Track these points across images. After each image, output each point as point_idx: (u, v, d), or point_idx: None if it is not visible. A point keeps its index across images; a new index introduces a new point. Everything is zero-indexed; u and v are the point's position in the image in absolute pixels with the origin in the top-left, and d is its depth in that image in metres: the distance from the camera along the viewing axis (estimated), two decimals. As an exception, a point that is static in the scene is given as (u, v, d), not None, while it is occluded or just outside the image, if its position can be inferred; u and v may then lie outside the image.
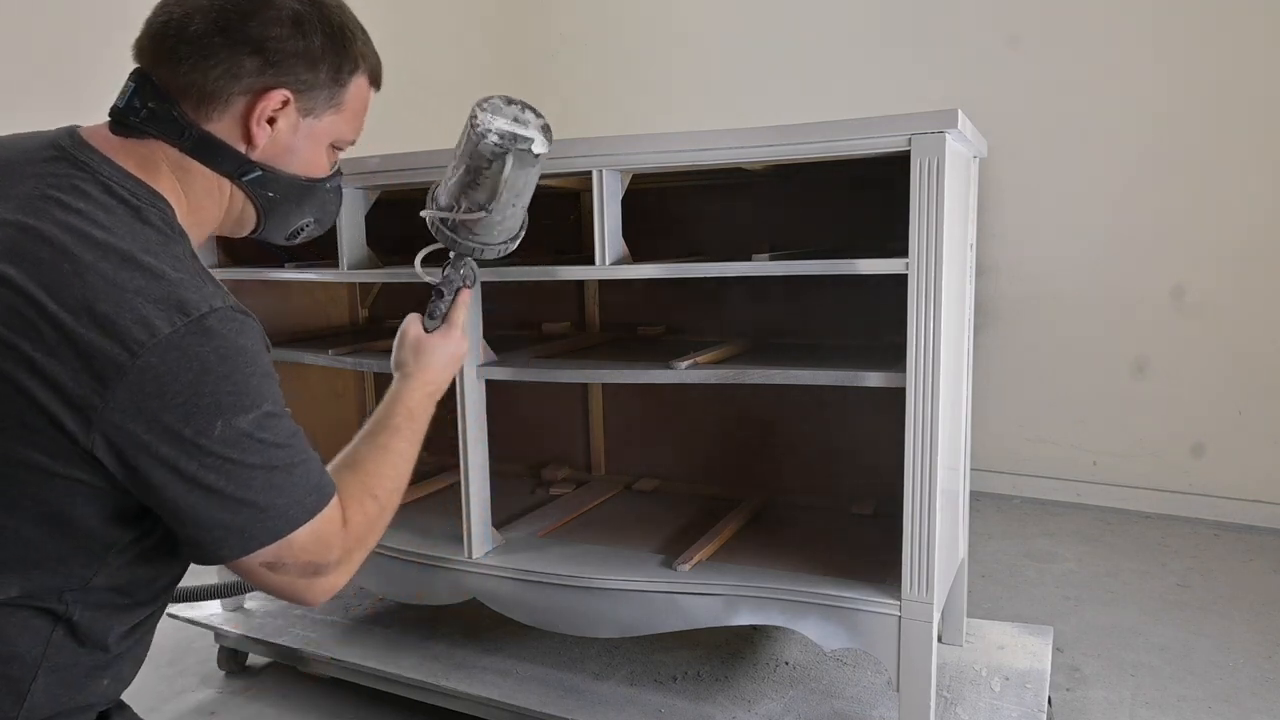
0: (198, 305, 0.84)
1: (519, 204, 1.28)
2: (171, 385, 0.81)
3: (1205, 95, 3.27)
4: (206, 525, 0.86)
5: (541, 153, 1.22)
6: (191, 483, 0.84)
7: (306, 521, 0.91)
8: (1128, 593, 2.75)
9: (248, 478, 0.86)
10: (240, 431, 0.85)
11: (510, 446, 2.56)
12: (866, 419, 2.14)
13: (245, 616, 2.32)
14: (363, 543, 1.00)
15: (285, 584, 0.92)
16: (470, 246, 1.29)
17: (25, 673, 0.88)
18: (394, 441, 1.12)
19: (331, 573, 0.95)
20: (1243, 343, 3.30)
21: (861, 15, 3.86)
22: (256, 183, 0.99)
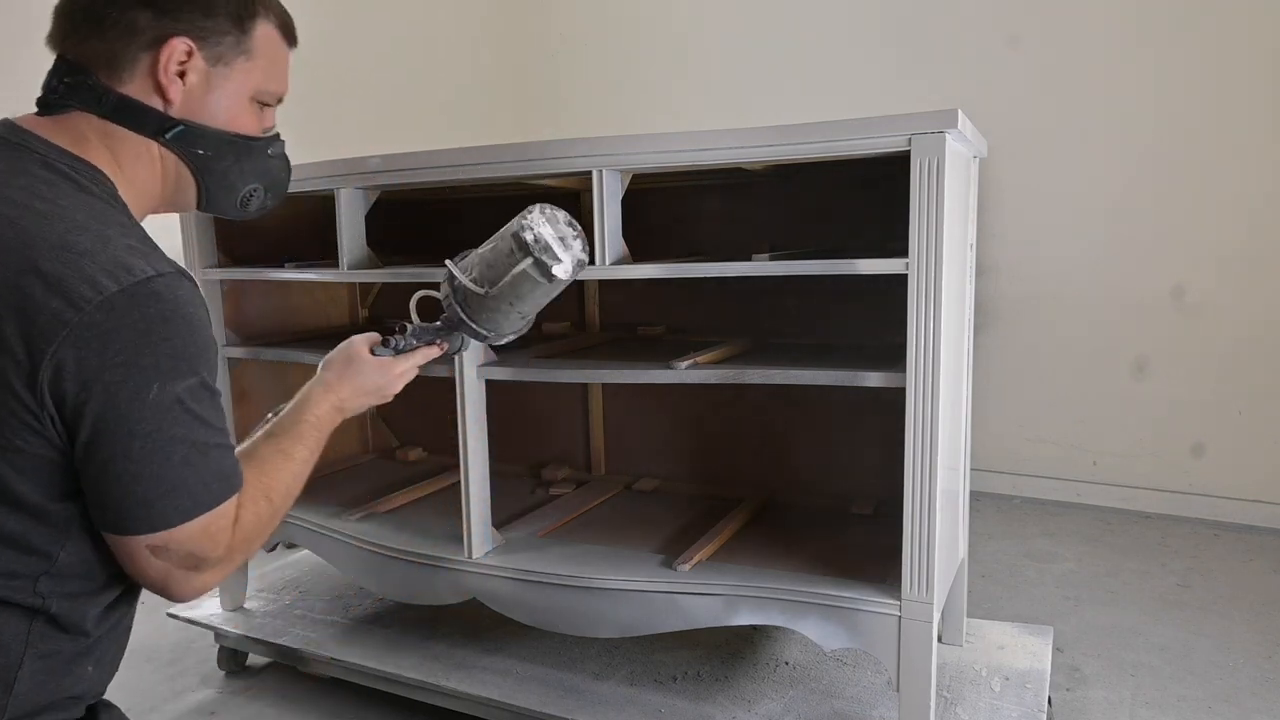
0: (144, 269, 0.85)
1: (518, 308, 1.26)
2: (114, 343, 0.82)
3: (1205, 95, 3.26)
4: (117, 493, 0.86)
5: (560, 278, 1.22)
6: (114, 445, 0.84)
7: (207, 511, 0.90)
8: (1128, 593, 2.75)
9: (168, 450, 0.86)
10: (173, 398, 0.86)
11: (510, 446, 2.56)
12: (866, 419, 2.14)
13: (245, 616, 2.32)
14: (247, 545, 0.98)
15: (161, 572, 0.90)
16: (460, 317, 1.28)
17: (10, 664, 0.88)
18: (296, 449, 1.09)
19: (209, 570, 0.93)
20: (1243, 343, 3.30)
21: (861, 15, 3.86)
22: (181, 139, 0.99)
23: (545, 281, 1.21)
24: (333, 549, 2.11)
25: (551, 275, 1.20)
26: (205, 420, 0.89)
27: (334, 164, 1.94)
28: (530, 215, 1.22)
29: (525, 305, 1.27)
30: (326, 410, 1.16)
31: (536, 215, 1.23)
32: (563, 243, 1.23)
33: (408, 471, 2.59)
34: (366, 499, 2.27)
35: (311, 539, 2.16)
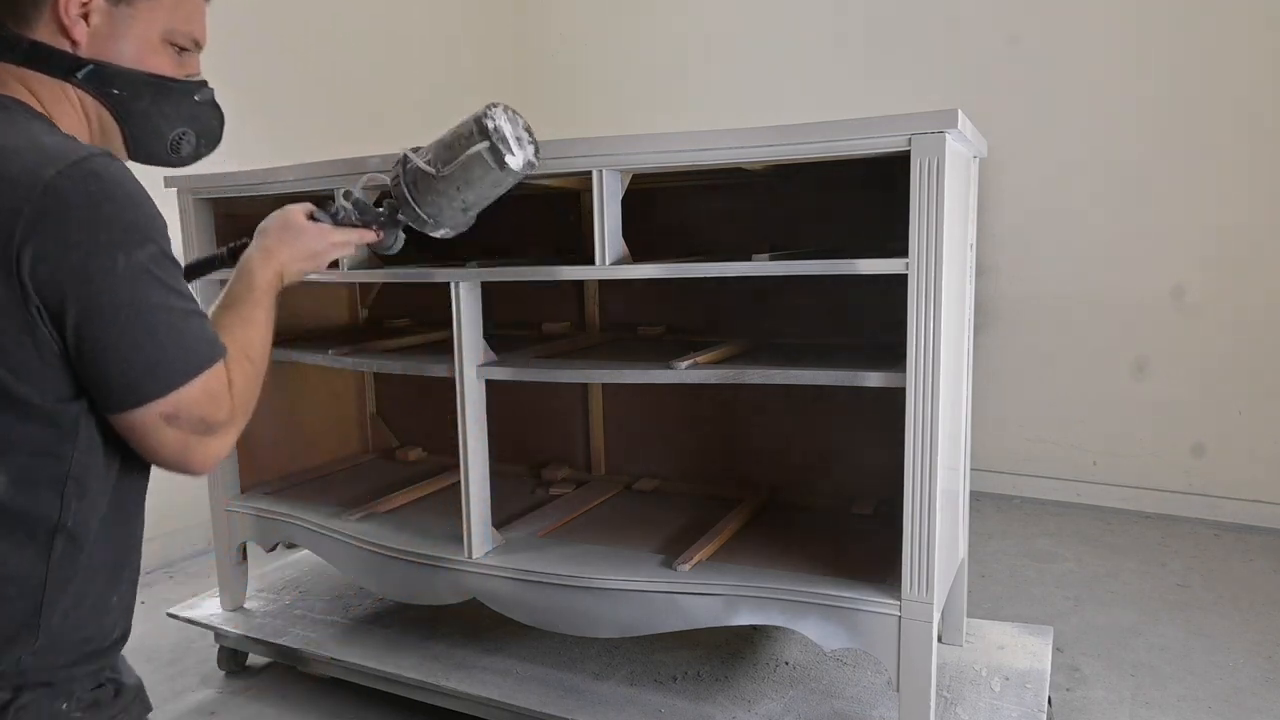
0: (78, 151, 0.88)
1: (463, 195, 1.28)
2: (68, 226, 0.84)
3: (1206, 95, 3.27)
4: (117, 367, 0.88)
5: (511, 168, 1.25)
6: (102, 320, 0.86)
7: (203, 371, 0.93)
8: (1128, 593, 2.75)
9: (151, 319, 0.89)
10: (140, 267, 0.88)
11: (510, 446, 2.56)
12: (866, 419, 2.14)
13: (245, 616, 2.32)
14: (244, 407, 1.00)
15: (179, 442, 0.92)
16: (405, 196, 1.28)
17: (34, 589, 0.90)
18: (256, 313, 1.11)
19: (219, 434, 0.96)
20: (1243, 343, 3.30)
21: (862, 15, 3.86)
22: (94, 79, 1.00)
23: (496, 169, 1.24)
24: (333, 549, 2.11)
25: (504, 163, 1.24)
26: (175, 289, 0.92)
27: (333, 164, 1.94)
28: (495, 108, 1.26)
29: (470, 194, 1.28)
30: (270, 276, 1.17)
31: (500, 110, 1.27)
32: (519, 141, 1.27)
33: (408, 471, 2.59)
34: (366, 499, 2.27)
35: (311, 539, 2.16)
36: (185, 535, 3.19)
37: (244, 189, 2.12)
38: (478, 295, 1.87)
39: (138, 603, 1.05)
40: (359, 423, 2.86)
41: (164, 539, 3.10)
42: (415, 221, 1.30)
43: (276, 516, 2.24)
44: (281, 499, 2.33)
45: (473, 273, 1.83)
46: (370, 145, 2.19)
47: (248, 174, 2.10)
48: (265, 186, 2.07)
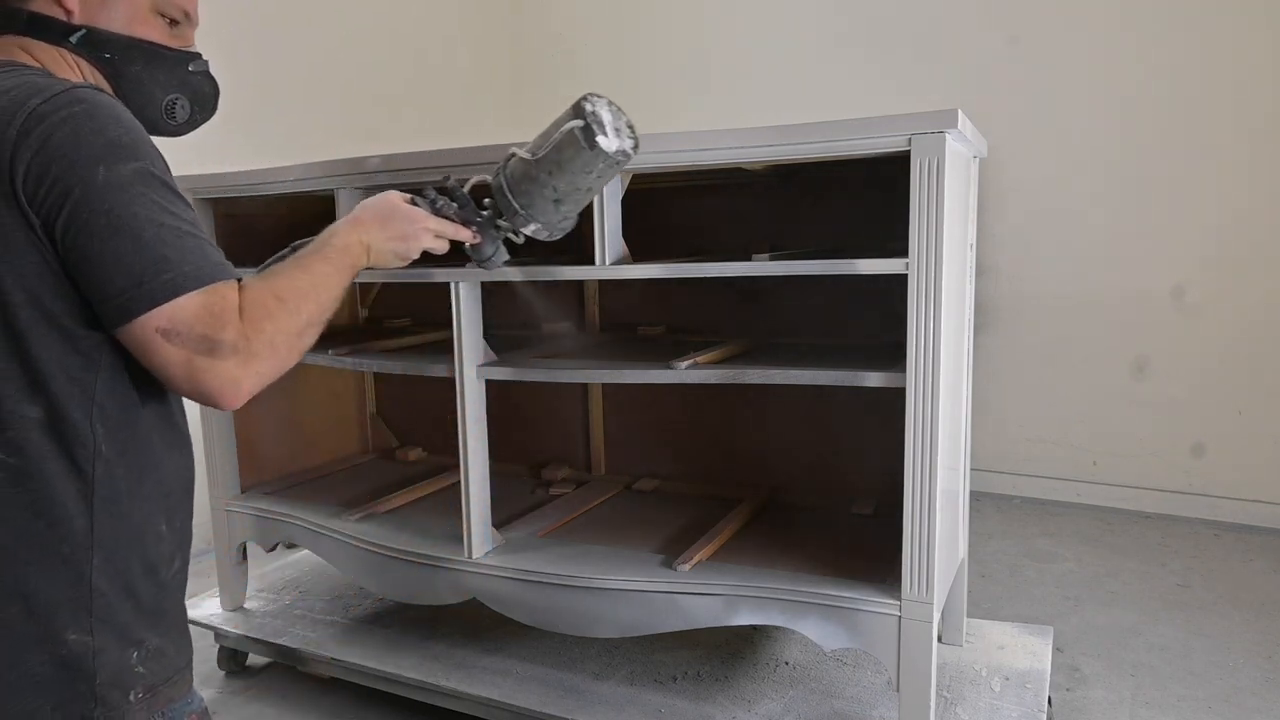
0: (66, 84, 0.92)
1: (555, 180, 1.22)
2: (51, 144, 0.87)
3: (1206, 95, 3.27)
4: (106, 279, 0.89)
5: (601, 148, 1.20)
6: (85, 232, 0.88)
7: (198, 287, 0.91)
8: (1128, 593, 2.75)
9: (137, 227, 0.89)
10: (123, 179, 0.89)
11: (510, 446, 2.56)
12: (866, 419, 2.14)
13: (245, 616, 2.32)
14: (264, 338, 0.96)
15: (182, 359, 0.91)
16: (502, 188, 1.25)
17: (82, 514, 0.92)
18: (313, 262, 1.08)
19: (228, 357, 0.93)
20: (1243, 343, 3.30)
21: (862, 15, 3.86)
22: (87, 44, 1.04)
23: (586, 149, 1.19)
24: (333, 549, 2.11)
25: (595, 143, 1.19)
26: (166, 207, 0.92)
27: (334, 164, 1.94)
28: (598, 97, 1.24)
29: (561, 180, 1.22)
30: (351, 241, 1.14)
31: (603, 99, 1.25)
32: (617, 131, 1.23)
33: (408, 471, 2.59)
34: (366, 499, 2.27)
35: (311, 539, 2.16)
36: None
37: (244, 189, 2.12)
38: (478, 295, 1.87)
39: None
40: (359, 423, 2.86)
41: (164, 539, 3.09)
42: (509, 215, 1.25)
43: (276, 516, 2.24)
44: (281, 499, 2.33)
45: (473, 273, 1.83)
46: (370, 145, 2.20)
47: (247, 174, 2.10)
48: (265, 186, 2.07)
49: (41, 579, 0.91)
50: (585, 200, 1.28)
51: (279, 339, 0.98)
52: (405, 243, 1.21)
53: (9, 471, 0.90)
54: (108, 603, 0.94)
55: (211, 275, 0.93)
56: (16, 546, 0.90)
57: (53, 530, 0.91)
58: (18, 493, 0.90)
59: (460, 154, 1.79)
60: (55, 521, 0.91)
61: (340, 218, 1.87)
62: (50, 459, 0.91)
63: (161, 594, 1.00)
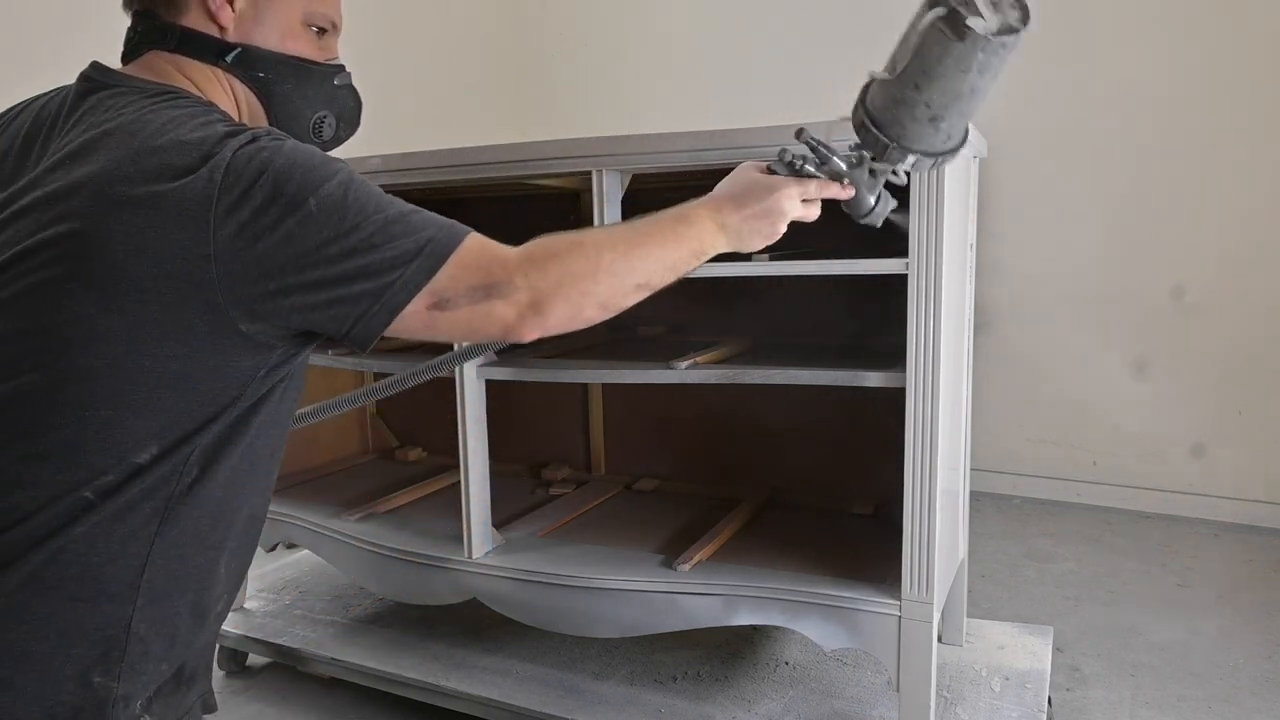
0: (242, 130, 0.88)
1: (925, 95, 0.98)
2: (251, 191, 0.83)
3: (1205, 95, 3.26)
4: (350, 298, 0.85)
5: (974, 32, 0.90)
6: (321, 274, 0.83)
7: (448, 253, 0.87)
8: (1128, 593, 2.75)
9: (362, 237, 0.84)
10: (334, 198, 0.85)
11: (510, 446, 2.56)
12: (866, 419, 2.13)
13: (245, 616, 2.32)
14: (540, 265, 0.90)
15: (465, 319, 0.88)
16: (865, 123, 1.03)
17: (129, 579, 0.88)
18: (643, 223, 1.03)
19: (512, 294, 0.88)
20: (1243, 343, 3.30)
21: (862, 14, 3.86)
22: (241, 62, 1.02)
23: (955, 41, 0.91)
24: (333, 549, 2.11)
25: (965, 30, 0.90)
26: (377, 201, 0.87)
27: (334, 164, 1.93)
28: None
29: (932, 92, 0.98)
30: (703, 216, 1.06)
31: None
32: (993, 4, 0.93)
33: (408, 471, 2.59)
34: (366, 499, 2.27)
35: (311, 539, 2.16)
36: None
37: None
38: None
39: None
40: (359, 423, 2.86)
41: (164, 539, 3.09)
42: (881, 152, 1.04)
43: (276, 516, 2.24)
44: (281, 499, 2.33)
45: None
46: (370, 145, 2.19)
47: (248, 174, 2.09)
48: (265, 186, 2.07)
49: (86, 616, 0.86)
50: (974, 107, 1.04)
51: (566, 280, 0.91)
52: (768, 220, 1.08)
53: (87, 508, 0.85)
54: (145, 649, 0.90)
55: (450, 237, 0.88)
56: (74, 582, 0.85)
57: (108, 568, 0.86)
58: (91, 531, 0.85)
59: (461, 154, 1.79)
60: (113, 558, 0.86)
61: None
62: (138, 504, 0.87)
63: (201, 633, 0.97)
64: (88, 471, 0.84)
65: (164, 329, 0.83)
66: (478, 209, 2.53)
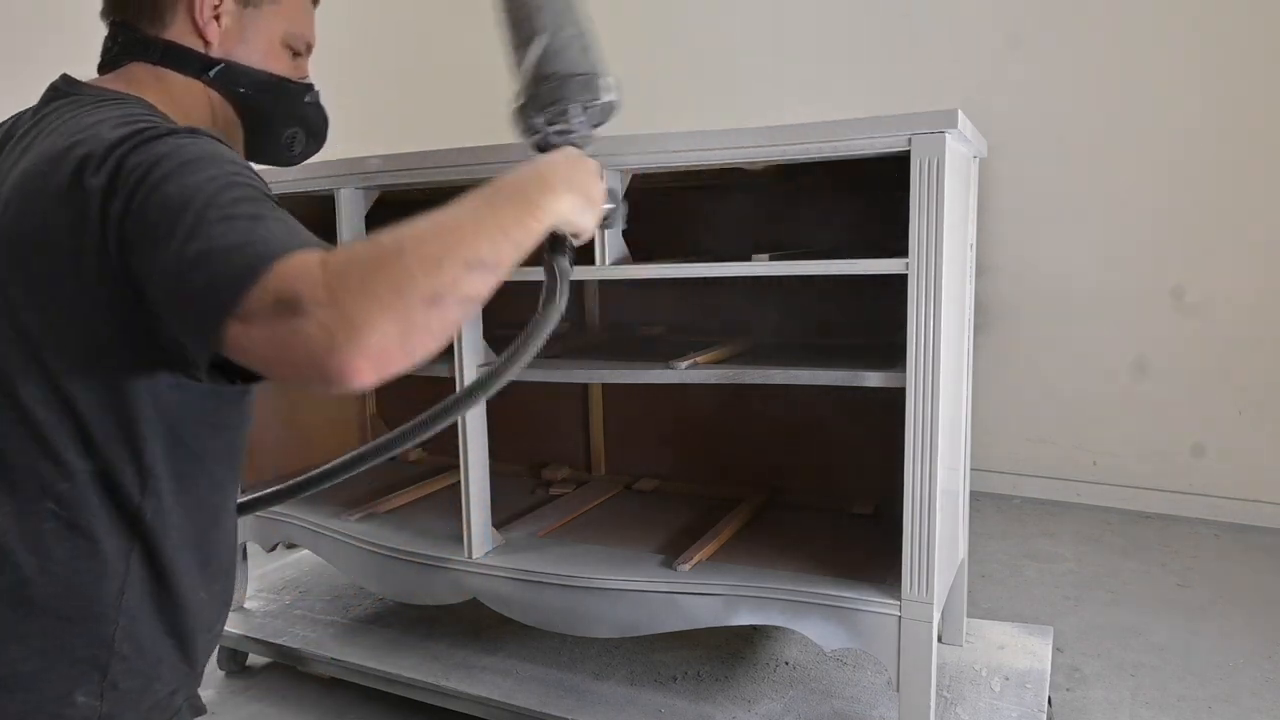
0: (152, 128, 0.84)
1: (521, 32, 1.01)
2: (134, 189, 0.79)
3: (1205, 95, 3.27)
4: (178, 291, 0.76)
5: None
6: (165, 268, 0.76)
7: (270, 262, 0.72)
8: (1128, 593, 2.75)
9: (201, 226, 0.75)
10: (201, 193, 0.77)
11: (510, 446, 2.56)
12: (866, 419, 2.14)
13: (245, 616, 2.32)
14: (344, 279, 0.71)
15: (265, 338, 0.72)
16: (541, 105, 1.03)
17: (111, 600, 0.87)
18: (457, 208, 0.90)
19: (315, 310, 0.70)
20: (1243, 343, 3.30)
21: (861, 15, 3.86)
22: (223, 78, 1.05)
23: None
24: (333, 549, 2.11)
25: None
26: (248, 200, 0.79)
27: (334, 164, 1.94)
28: None
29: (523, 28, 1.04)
30: (529, 176, 0.96)
31: None
32: None
33: (408, 471, 2.59)
34: (366, 499, 2.27)
35: (311, 539, 2.16)
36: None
37: (244, 189, 2.11)
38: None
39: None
40: (359, 423, 2.86)
41: (164, 539, 3.09)
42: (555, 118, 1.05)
43: (276, 516, 2.24)
44: (281, 499, 2.33)
45: (473, 273, 1.82)
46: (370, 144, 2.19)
47: (248, 174, 2.09)
48: (265, 186, 2.07)
49: (71, 635, 0.86)
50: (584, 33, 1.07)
51: (382, 287, 0.72)
52: (588, 207, 1.02)
53: (60, 522, 0.85)
54: (129, 668, 0.89)
55: (285, 244, 0.75)
56: (58, 601, 0.85)
57: (91, 587, 0.87)
58: (65, 546, 0.85)
59: (461, 154, 1.79)
60: (97, 577, 0.87)
61: (341, 218, 1.88)
62: (101, 515, 0.86)
63: (190, 657, 0.97)
64: (39, 482, 0.84)
65: None
66: (478, 209, 2.54)
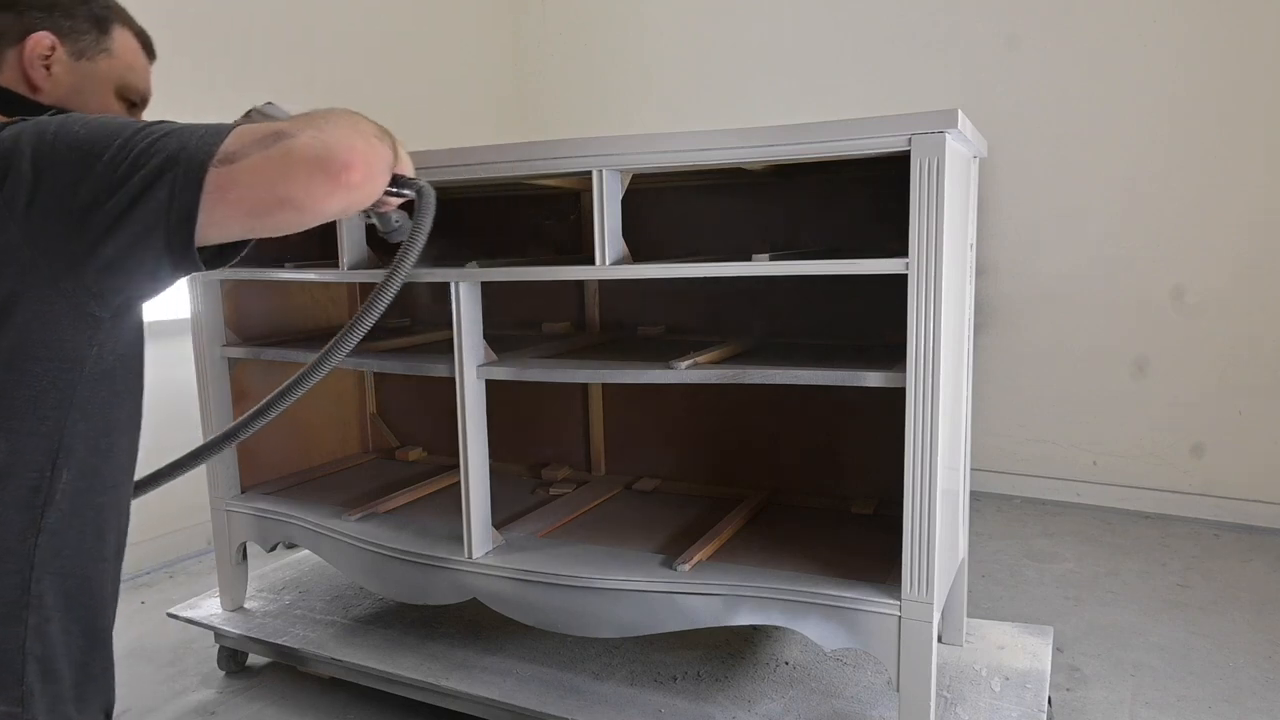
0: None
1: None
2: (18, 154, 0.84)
3: (1205, 95, 3.26)
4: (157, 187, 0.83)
5: None
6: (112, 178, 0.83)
7: (227, 131, 0.87)
8: (1128, 593, 2.75)
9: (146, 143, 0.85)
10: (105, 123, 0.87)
11: (510, 446, 2.56)
12: (866, 419, 2.14)
13: (245, 616, 2.32)
14: (307, 121, 0.89)
15: (260, 163, 0.85)
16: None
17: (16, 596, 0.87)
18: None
19: (299, 134, 0.86)
20: (1243, 343, 3.30)
21: (862, 15, 3.86)
22: None
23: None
24: (333, 549, 2.11)
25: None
26: (149, 126, 0.87)
27: (334, 164, 1.94)
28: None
29: None
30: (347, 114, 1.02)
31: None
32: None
33: (408, 471, 2.59)
34: (366, 499, 2.27)
35: (311, 539, 2.16)
36: (185, 535, 3.19)
37: (244, 189, 2.11)
38: (478, 295, 1.87)
39: (138, 603, 1.05)
40: (359, 423, 2.86)
41: (164, 539, 3.10)
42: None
43: (276, 516, 2.24)
44: (281, 499, 2.33)
45: (473, 273, 1.83)
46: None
47: (248, 174, 2.09)
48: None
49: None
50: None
51: (340, 125, 0.91)
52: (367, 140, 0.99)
53: None
54: (43, 669, 0.89)
55: (225, 127, 0.88)
56: None
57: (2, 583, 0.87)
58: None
59: (461, 154, 1.79)
60: (5, 574, 0.87)
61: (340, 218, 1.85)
62: (8, 507, 0.86)
63: (102, 658, 0.98)
64: None
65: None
66: (478, 209, 2.54)
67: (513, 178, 1.81)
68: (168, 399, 2.98)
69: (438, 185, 1.90)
